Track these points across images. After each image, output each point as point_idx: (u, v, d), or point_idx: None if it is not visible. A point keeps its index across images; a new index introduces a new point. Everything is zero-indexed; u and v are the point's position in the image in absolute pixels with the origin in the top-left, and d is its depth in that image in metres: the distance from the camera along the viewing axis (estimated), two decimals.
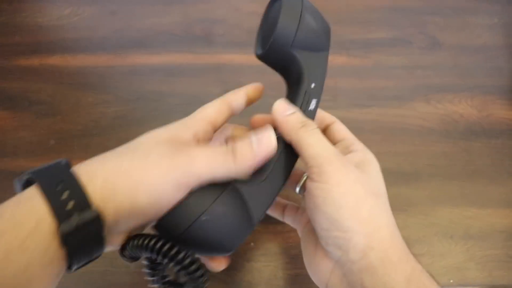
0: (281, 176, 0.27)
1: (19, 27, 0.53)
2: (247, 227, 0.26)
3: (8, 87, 0.49)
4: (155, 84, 0.48)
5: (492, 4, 0.53)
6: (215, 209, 0.24)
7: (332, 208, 0.24)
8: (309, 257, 0.28)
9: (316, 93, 0.29)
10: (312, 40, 0.28)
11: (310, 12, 0.28)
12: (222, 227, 0.24)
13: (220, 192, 0.24)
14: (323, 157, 0.25)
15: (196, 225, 0.23)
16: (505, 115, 0.46)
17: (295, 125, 0.27)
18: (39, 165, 0.24)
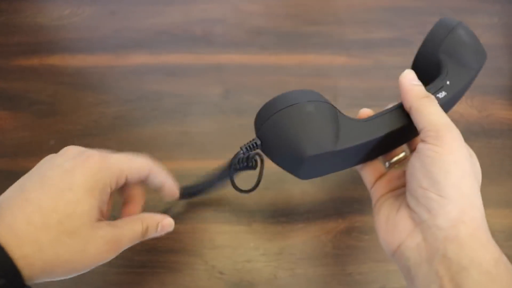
0: (379, 131, 0.28)
1: (19, 27, 0.53)
2: (327, 144, 0.26)
3: (8, 87, 0.49)
4: (155, 84, 0.48)
5: (492, 4, 0.53)
6: (308, 105, 0.25)
7: (439, 170, 0.24)
8: (386, 218, 0.28)
9: (448, 89, 0.30)
10: (460, 53, 0.31)
11: (466, 31, 0.31)
12: (311, 125, 0.25)
13: (320, 100, 0.26)
14: (442, 124, 0.26)
15: (292, 109, 0.25)
16: (505, 115, 0.46)
17: (419, 93, 0.28)
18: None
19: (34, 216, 0.24)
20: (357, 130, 0.27)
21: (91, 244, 0.26)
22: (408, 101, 0.28)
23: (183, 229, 0.40)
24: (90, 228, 0.26)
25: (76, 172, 0.26)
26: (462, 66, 0.31)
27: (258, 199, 0.42)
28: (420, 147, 0.26)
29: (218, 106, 0.47)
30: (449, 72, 0.30)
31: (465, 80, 0.31)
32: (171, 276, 0.39)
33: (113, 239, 0.27)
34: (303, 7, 0.53)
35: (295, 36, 0.51)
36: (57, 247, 0.24)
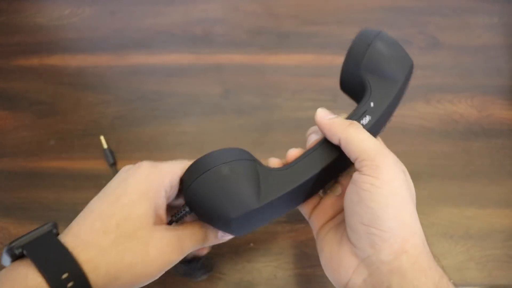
0: (303, 175, 0.27)
1: (19, 27, 0.53)
2: (249, 203, 0.26)
3: (8, 87, 0.49)
4: (155, 84, 0.48)
5: (492, 4, 0.53)
6: (223, 168, 0.26)
7: (379, 205, 0.24)
8: (330, 254, 0.28)
9: (372, 112, 0.29)
10: (382, 67, 0.29)
11: (385, 42, 0.30)
12: (228, 188, 0.26)
13: (240, 158, 0.27)
14: (376, 151, 0.25)
15: (208, 175, 0.26)
16: (505, 115, 0.46)
17: (342, 124, 0.27)
18: (26, 233, 0.24)
19: (96, 223, 0.25)
20: (279, 180, 0.27)
21: (152, 246, 0.25)
22: (334, 134, 0.27)
23: None
24: (148, 230, 0.26)
25: (129, 179, 0.27)
26: (385, 81, 0.29)
27: None
28: (356, 179, 0.25)
29: (218, 106, 0.47)
30: (372, 92, 0.29)
31: (390, 97, 0.29)
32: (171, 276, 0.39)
33: (174, 240, 0.27)
34: (303, 7, 0.53)
35: (295, 36, 0.51)
36: (118, 249, 0.24)
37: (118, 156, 0.44)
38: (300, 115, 0.46)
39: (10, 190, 0.43)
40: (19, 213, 0.41)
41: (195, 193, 0.26)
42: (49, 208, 0.41)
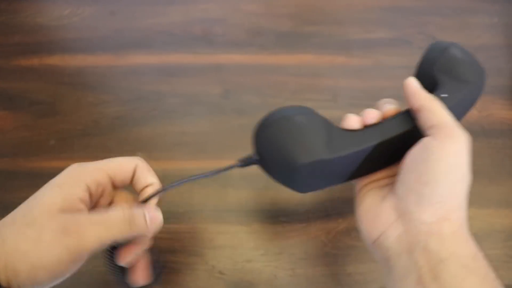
0: (373, 139, 0.28)
1: (19, 27, 0.53)
2: (319, 153, 0.26)
3: (8, 87, 0.49)
4: (155, 84, 0.48)
5: (492, 4, 0.53)
6: (299, 117, 0.27)
7: (441, 170, 0.25)
8: (369, 207, 0.29)
9: (446, 101, 0.29)
10: (456, 69, 0.31)
11: (460, 49, 0.31)
12: (302, 134, 0.26)
13: (312, 113, 0.28)
14: (455, 125, 0.26)
15: (283, 121, 0.27)
16: (505, 115, 0.46)
17: (429, 95, 0.28)
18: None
19: (8, 217, 0.26)
20: (352, 139, 0.28)
21: (46, 231, 0.24)
22: (419, 100, 0.28)
23: (183, 229, 0.40)
24: (48, 216, 0.24)
25: (54, 178, 0.27)
26: (459, 81, 0.30)
27: (258, 199, 0.42)
28: (426, 143, 0.26)
29: (218, 106, 0.47)
30: (446, 87, 0.30)
31: (463, 93, 0.30)
32: (171, 276, 0.39)
33: (71, 223, 0.24)
34: (303, 7, 0.53)
35: (295, 36, 0.51)
36: (17, 238, 0.24)
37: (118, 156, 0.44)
38: None
39: (10, 190, 0.43)
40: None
41: (267, 138, 0.27)
42: None
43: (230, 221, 0.41)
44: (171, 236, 0.40)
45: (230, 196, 0.42)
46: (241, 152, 0.45)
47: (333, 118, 0.46)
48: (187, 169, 0.43)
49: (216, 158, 0.44)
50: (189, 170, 0.43)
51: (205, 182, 0.43)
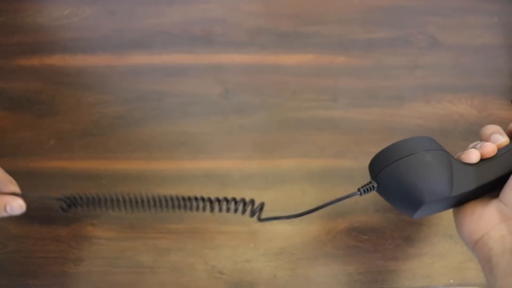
0: (495, 174, 0.29)
1: (18, 27, 0.53)
2: (442, 191, 0.28)
3: (8, 87, 0.48)
4: (155, 84, 0.48)
5: (492, 4, 0.53)
6: (427, 155, 0.28)
7: None
8: (472, 209, 0.29)
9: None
10: None
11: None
12: (426, 173, 0.28)
13: (436, 148, 0.29)
14: None
15: (411, 158, 0.28)
16: (505, 115, 0.46)
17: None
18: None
19: None
20: (471, 175, 0.29)
21: None
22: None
23: (183, 229, 0.40)
24: None
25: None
26: None
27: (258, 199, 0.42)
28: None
29: (218, 106, 0.47)
30: None
31: None
32: (171, 276, 0.39)
33: None
34: (303, 7, 0.53)
35: (295, 36, 0.51)
36: None
37: (117, 156, 0.44)
38: (300, 115, 0.46)
39: None
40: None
41: (394, 173, 0.28)
42: (49, 208, 0.41)
43: (230, 221, 0.41)
44: (171, 236, 0.40)
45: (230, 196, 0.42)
46: (241, 152, 0.45)
47: (333, 118, 0.46)
48: (187, 169, 0.43)
49: (216, 158, 0.44)
50: (189, 170, 0.43)
51: (205, 182, 0.43)
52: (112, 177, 0.43)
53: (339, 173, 0.43)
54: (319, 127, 0.46)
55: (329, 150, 0.44)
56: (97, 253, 0.40)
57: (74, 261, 0.39)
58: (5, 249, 0.40)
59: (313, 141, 0.45)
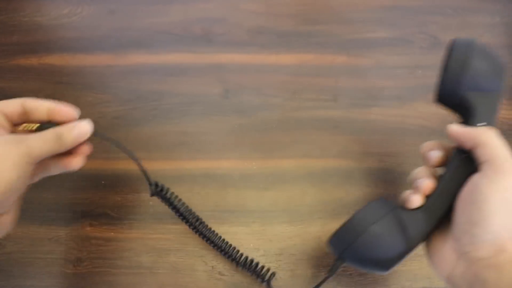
0: (442, 206, 0.29)
1: (17, 27, 0.52)
2: (403, 251, 0.29)
3: (7, 87, 0.48)
4: (155, 84, 0.48)
5: (493, 3, 0.53)
6: (376, 228, 0.29)
7: (490, 209, 0.26)
8: (435, 249, 0.30)
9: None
10: (482, 82, 0.30)
11: (481, 55, 0.30)
12: (381, 245, 0.29)
13: (383, 214, 0.29)
14: (506, 157, 0.27)
15: (362, 239, 0.29)
16: (505, 115, 0.46)
17: (482, 128, 0.29)
18: None
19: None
20: (423, 221, 0.29)
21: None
22: (475, 138, 0.28)
23: (183, 229, 0.40)
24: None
25: None
26: (488, 95, 0.30)
27: (258, 199, 0.42)
28: (477, 180, 0.27)
29: (218, 106, 0.47)
30: (477, 110, 0.30)
31: (494, 107, 0.31)
32: (171, 276, 0.39)
33: (18, 137, 0.28)
34: (303, 6, 0.53)
35: (295, 35, 0.51)
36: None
37: (117, 156, 0.44)
38: (300, 115, 0.46)
39: None
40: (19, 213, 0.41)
41: (352, 255, 0.30)
42: (49, 208, 0.41)
43: (230, 221, 0.41)
44: (171, 236, 0.40)
45: (230, 196, 0.42)
46: (241, 152, 0.45)
47: (333, 118, 0.46)
48: (187, 169, 0.43)
49: (216, 158, 0.44)
50: (189, 170, 0.43)
51: (205, 182, 0.43)
52: (112, 177, 0.43)
53: (340, 173, 0.43)
54: (319, 127, 0.45)
55: (330, 150, 0.44)
56: (96, 254, 0.40)
57: (73, 262, 0.39)
58: (3, 250, 0.40)
59: (313, 141, 0.45)
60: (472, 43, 0.30)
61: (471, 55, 0.30)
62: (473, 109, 0.30)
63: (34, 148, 0.28)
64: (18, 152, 0.27)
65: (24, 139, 0.28)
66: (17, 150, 0.27)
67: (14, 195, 0.28)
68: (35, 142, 0.28)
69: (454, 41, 0.31)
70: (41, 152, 0.28)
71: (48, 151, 0.29)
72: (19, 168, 0.27)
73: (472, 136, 0.28)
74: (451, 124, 0.30)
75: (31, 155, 0.28)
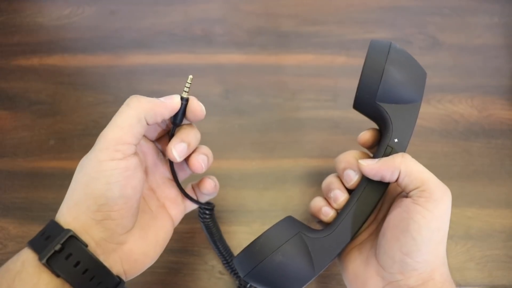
0: (348, 232, 0.28)
1: (18, 27, 0.53)
2: (306, 277, 0.27)
3: (8, 87, 0.48)
4: (155, 84, 0.48)
5: (492, 4, 0.53)
6: (276, 256, 0.26)
7: (423, 238, 0.25)
8: (355, 274, 0.28)
9: (399, 147, 0.28)
10: (399, 93, 0.28)
11: (397, 62, 0.28)
12: (284, 271, 0.27)
13: (287, 239, 0.27)
14: (435, 184, 0.26)
15: (263, 266, 0.26)
16: (505, 115, 0.46)
17: (396, 157, 0.27)
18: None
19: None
20: (326, 247, 0.28)
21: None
22: (394, 171, 0.26)
23: (183, 229, 0.40)
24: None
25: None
26: (404, 107, 0.28)
27: (258, 199, 0.42)
28: (408, 207, 0.25)
29: (218, 106, 0.47)
30: (394, 125, 0.28)
31: (412, 119, 0.28)
32: (171, 276, 0.39)
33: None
34: (303, 7, 0.53)
35: (295, 36, 0.51)
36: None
37: None
38: (300, 115, 0.46)
39: (10, 190, 0.43)
40: (19, 213, 0.41)
41: (255, 278, 0.27)
42: (49, 208, 0.41)
43: (230, 221, 0.41)
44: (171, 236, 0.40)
45: (230, 196, 0.42)
46: (241, 152, 0.45)
47: (333, 118, 0.46)
48: None
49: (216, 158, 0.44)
50: None
51: None
52: None
53: None
54: (319, 127, 0.46)
55: (329, 150, 0.44)
56: None
57: None
58: (5, 249, 0.40)
59: (313, 141, 0.45)
60: (388, 48, 0.28)
61: (387, 62, 0.27)
62: (388, 123, 0.28)
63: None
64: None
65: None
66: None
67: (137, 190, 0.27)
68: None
69: (371, 43, 0.29)
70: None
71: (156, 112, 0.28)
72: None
73: (390, 168, 0.26)
74: (361, 160, 0.28)
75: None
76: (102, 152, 0.25)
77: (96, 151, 0.25)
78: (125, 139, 0.26)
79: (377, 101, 0.28)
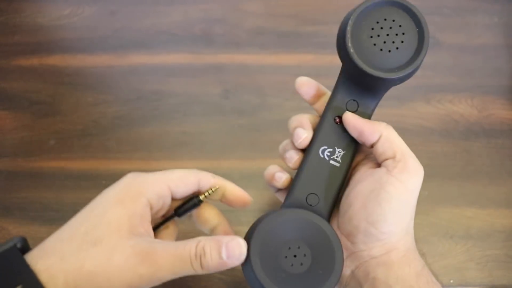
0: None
1: (18, 27, 0.53)
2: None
3: (8, 87, 0.48)
4: (155, 84, 0.48)
5: (492, 4, 0.53)
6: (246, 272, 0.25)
7: (391, 209, 0.24)
8: None
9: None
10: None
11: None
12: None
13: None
14: (411, 156, 0.26)
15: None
16: (505, 115, 0.46)
17: (381, 123, 0.27)
18: None
19: (64, 232, 0.24)
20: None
21: (117, 254, 0.22)
22: (376, 131, 0.26)
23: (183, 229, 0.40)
24: (118, 237, 0.23)
25: (109, 189, 0.26)
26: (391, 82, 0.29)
27: (258, 199, 0.42)
28: (381, 177, 0.25)
29: (218, 106, 0.47)
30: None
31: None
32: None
33: (145, 251, 0.22)
34: (303, 7, 0.53)
35: (295, 36, 0.51)
36: (79, 256, 0.22)
37: (118, 156, 0.44)
38: None
39: (10, 190, 0.43)
40: (19, 213, 0.41)
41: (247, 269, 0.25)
42: (49, 208, 0.41)
43: (230, 221, 0.41)
44: None
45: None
46: (241, 152, 0.45)
47: None
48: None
49: (216, 158, 0.44)
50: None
51: None
52: (112, 177, 0.43)
53: None
54: None
55: None
56: None
57: None
58: None
59: None
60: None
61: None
62: (377, 94, 0.29)
63: (162, 267, 0.22)
64: (140, 274, 0.22)
65: (151, 252, 0.22)
66: (139, 274, 0.22)
67: None
68: (164, 260, 0.22)
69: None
70: (169, 274, 0.23)
71: (179, 273, 0.23)
72: (142, 280, 0.22)
73: (374, 128, 0.26)
74: (347, 112, 0.28)
75: (155, 281, 0.22)
76: None
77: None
78: None
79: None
